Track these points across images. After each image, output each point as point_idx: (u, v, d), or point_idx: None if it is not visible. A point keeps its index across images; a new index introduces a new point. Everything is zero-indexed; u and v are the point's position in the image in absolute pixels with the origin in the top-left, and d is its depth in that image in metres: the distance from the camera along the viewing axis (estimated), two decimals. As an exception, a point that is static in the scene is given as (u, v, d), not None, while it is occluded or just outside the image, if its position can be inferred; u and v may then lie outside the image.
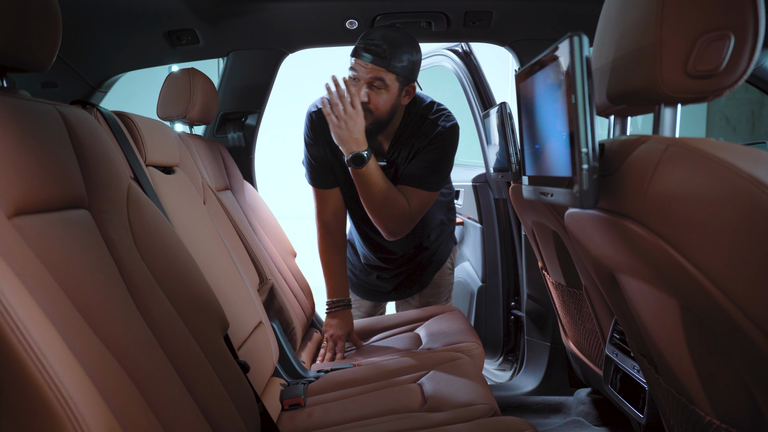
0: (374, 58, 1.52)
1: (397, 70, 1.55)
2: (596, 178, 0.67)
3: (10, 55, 0.74)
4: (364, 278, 2.06)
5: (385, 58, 1.52)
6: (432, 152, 1.68)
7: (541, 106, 0.83)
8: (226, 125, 2.19)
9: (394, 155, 1.72)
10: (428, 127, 1.69)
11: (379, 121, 1.61)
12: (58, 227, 0.74)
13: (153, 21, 1.89)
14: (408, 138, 1.71)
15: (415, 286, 2.06)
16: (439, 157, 1.69)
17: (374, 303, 2.15)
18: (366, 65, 1.53)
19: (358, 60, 1.55)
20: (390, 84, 1.56)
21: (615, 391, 1.31)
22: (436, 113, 1.71)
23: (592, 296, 1.37)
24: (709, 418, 0.69)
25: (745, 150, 0.56)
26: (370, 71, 1.54)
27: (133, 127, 1.23)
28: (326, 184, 1.80)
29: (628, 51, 0.71)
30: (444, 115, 1.71)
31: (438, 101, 1.77)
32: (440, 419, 1.15)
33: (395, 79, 1.56)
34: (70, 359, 0.61)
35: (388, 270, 2.00)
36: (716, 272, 0.55)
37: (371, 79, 1.55)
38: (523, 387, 2.17)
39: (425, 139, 1.68)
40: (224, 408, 0.94)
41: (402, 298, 2.12)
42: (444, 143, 1.69)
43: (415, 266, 2.01)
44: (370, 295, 2.10)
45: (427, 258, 2.00)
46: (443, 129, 1.68)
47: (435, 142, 1.68)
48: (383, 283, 2.03)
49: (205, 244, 1.30)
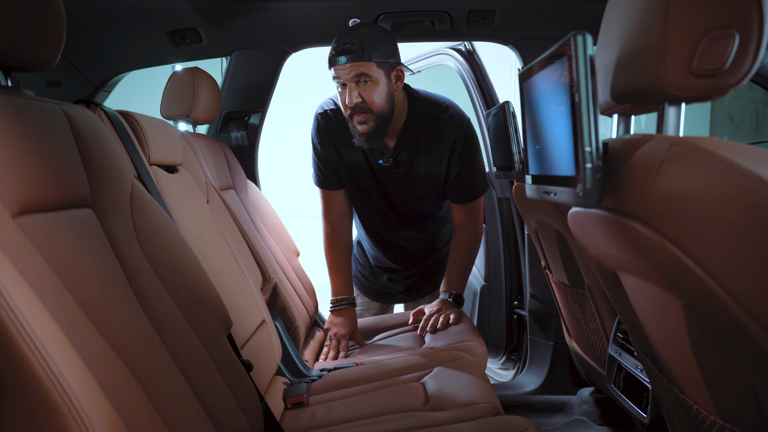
0: (349, 56, 1.52)
1: (375, 58, 1.54)
2: (599, 177, 0.67)
3: (14, 54, 0.74)
4: (373, 280, 2.06)
5: (358, 52, 1.52)
6: (468, 157, 1.71)
7: (544, 105, 0.82)
8: (230, 124, 2.19)
9: (401, 155, 1.72)
10: (446, 128, 1.69)
11: (382, 115, 1.61)
12: (62, 226, 0.74)
13: (156, 20, 1.90)
14: (414, 136, 1.70)
15: (427, 287, 2.06)
16: (474, 158, 1.73)
17: (383, 305, 2.15)
18: (345, 66, 1.53)
19: (336, 66, 1.55)
20: (375, 74, 1.55)
21: (618, 391, 1.31)
22: (446, 112, 1.70)
23: (595, 295, 1.37)
24: (713, 417, 0.69)
25: (750, 149, 0.55)
26: (351, 69, 1.53)
27: (136, 126, 1.23)
28: (332, 186, 1.81)
29: (632, 50, 0.71)
30: (457, 116, 1.71)
31: (443, 96, 1.76)
32: (443, 418, 1.15)
33: (377, 67, 1.55)
34: (73, 357, 0.62)
35: (399, 271, 2.00)
36: (720, 271, 0.54)
37: (356, 77, 1.54)
38: (526, 386, 2.17)
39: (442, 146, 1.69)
40: (227, 406, 0.94)
41: (413, 299, 2.11)
42: (472, 144, 1.72)
43: (426, 268, 2.01)
44: (380, 297, 2.09)
45: (439, 259, 2.01)
46: (466, 132, 1.70)
47: (457, 149, 1.70)
48: (394, 285, 2.04)
49: (208, 243, 1.30)
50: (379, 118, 1.60)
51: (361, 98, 1.56)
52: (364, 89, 1.56)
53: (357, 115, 1.60)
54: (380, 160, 1.72)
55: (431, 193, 1.78)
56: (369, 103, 1.57)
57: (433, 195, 1.79)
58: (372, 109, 1.58)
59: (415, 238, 1.90)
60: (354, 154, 1.75)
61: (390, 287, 2.05)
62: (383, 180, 1.76)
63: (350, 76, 1.54)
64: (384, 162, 1.72)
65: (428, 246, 1.96)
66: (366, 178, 1.77)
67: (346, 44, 1.52)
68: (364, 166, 1.75)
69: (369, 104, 1.57)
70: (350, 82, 1.55)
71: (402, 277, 2.01)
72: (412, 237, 1.91)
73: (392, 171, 1.73)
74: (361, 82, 1.55)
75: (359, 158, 1.75)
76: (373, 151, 1.73)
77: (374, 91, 1.57)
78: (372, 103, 1.57)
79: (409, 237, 1.90)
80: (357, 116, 1.60)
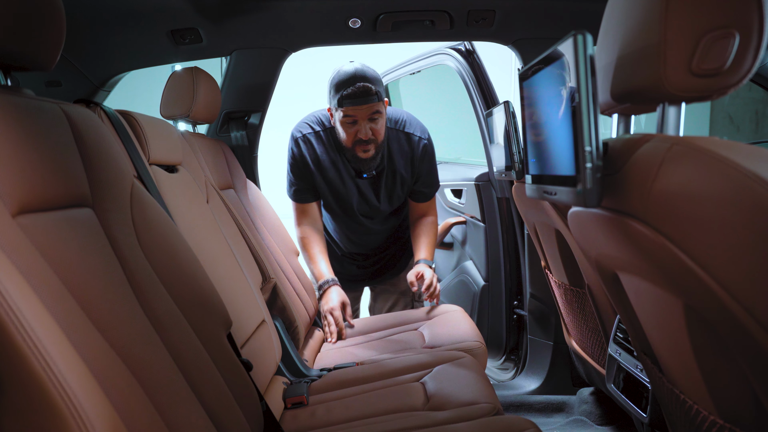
0: (368, 98, 1.72)
1: (382, 96, 1.77)
2: (600, 177, 0.67)
3: (14, 53, 0.74)
4: (343, 270, 2.22)
5: (373, 94, 1.72)
6: (428, 162, 1.97)
7: (544, 105, 0.82)
8: (229, 124, 2.19)
9: (381, 166, 1.92)
10: (412, 140, 1.93)
11: (384, 142, 1.85)
12: (62, 226, 0.74)
13: (156, 20, 1.90)
14: (389, 148, 1.92)
15: (391, 270, 2.25)
16: (433, 163, 2.00)
17: (352, 296, 2.26)
18: (362, 107, 1.73)
19: (352, 108, 1.72)
20: (382, 110, 1.78)
21: (618, 390, 1.31)
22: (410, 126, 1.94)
23: (595, 295, 1.37)
24: (713, 417, 0.69)
25: (750, 149, 0.55)
26: (368, 109, 1.74)
27: (136, 125, 1.23)
28: (308, 199, 1.99)
29: (632, 49, 0.71)
30: (420, 127, 1.96)
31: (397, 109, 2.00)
32: (443, 418, 1.15)
33: (382, 104, 1.78)
34: (73, 357, 0.62)
35: (368, 258, 2.21)
36: (720, 271, 0.54)
37: (371, 115, 1.75)
38: (525, 386, 2.17)
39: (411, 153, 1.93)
40: (227, 406, 0.94)
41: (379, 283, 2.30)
42: (431, 151, 1.99)
43: (391, 253, 2.22)
44: (350, 283, 2.25)
45: (400, 246, 2.23)
46: (428, 141, 1.96)
47: (426, 153, 1.96)
48: (362, 271, 2.24)
49: (208, 242, 1.30)
50: (381, 145, 1.84)
51: (371, 132, 1.77)
52: (374, 124, 1.77)
53: (363, 146, 1.80)
54: (365, 174, 1.92)
55: (403, 195, 2.02)
56: (377, 135, 1.79)
57: (404, 196, 2.03)
58: (378, 140, 1.81)
59: (383, 230, 2.13)
60: (337, 172, 1.92)
61: (358, 273, 2.24)
62: (365, 190, 1.96)
63: (366, 115, 1.75)
64: (368, 175, 1.92)
65: (392, 236, 2.18)
66: (347, 191, 1.95)
67: (362, 88, 1.70)
68: (346, 181, 1.94)
69: (377, 136, 1.80)
70: (364, 119, 1.75)
71: (370, 263, 2.21)
72: (381, 230, 2.13)
73: (374, 180, 1.94)
74: (372, 118, 1.76)
75: (342, 175, 1.93)
76: (357, 166, 1.91)
77: (380, 124, 1.79)
78: (379, 134, 1.80)
79: (378, 231, 2.12)
80: (363, 146, 1.80)
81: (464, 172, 2.60)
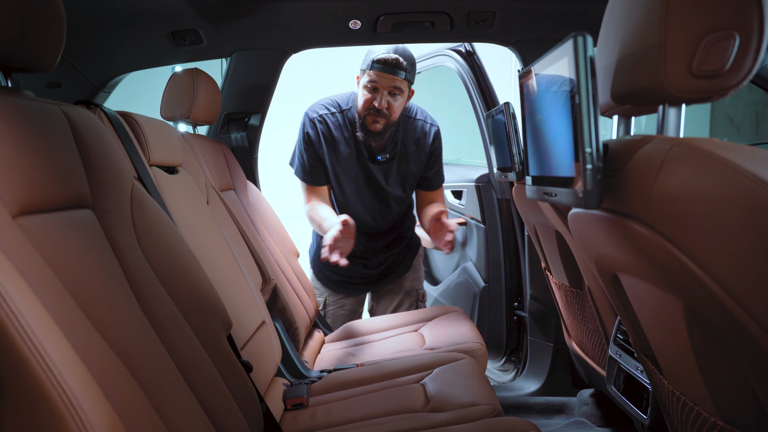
0: (399, 71, 1.75)
1: (411, 78, 1.81)
2: (600, 179, 0.67)
3: (14, 55, 0.74)
4: (349, 273, 2.11)
5: (404, 69, 1.76)
6: (437, 151, 2.01)
7: (544, 106, 0.82)
8: (230, 125, 2.19)
9: (394, 150, 1.95)
10: (423, 127, 1.97)
11: (394, 123, 1.85)
12: (62, 227, 0.74)
13: (157, 21, 1.90)
14: (399, 135, 1.94)
15: (399, 269, 2.19)
16: (441, 152, 2.04)
17: (356, 301, 2.22)
18: (388, 76, 1.75)
19: (380, 73, 1.75)
20: (405, 90, 1.81)
21: (618, 392, 1.31)
22: (420, 114, 1.98)
23: (596, 297, 1.37)
24: (713, 418, 0.69)
25: (750, 150, 0.55)
26: (392, 80, 1.76)
27: (136, 127, 1.23)
28: (318, 182, 1.97)
29: (632, 51, 0.71)
30: (428, 115, 2.00)
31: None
32: (443, 419, 1.15)
33: (408, 86, 1.82)
34: (73, 358, 0.62)
35: (375, 256, 2.15)
36: (720, 272, 0.54)
37: (391, 88, 1.77)
38: (526, 388, 2.17)
39: (423, 139, 1.97)
40: (227, 408, 0.94)
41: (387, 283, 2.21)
42: (440, 140, 2.02)
43: (398, 252, 2.17)
44: (356, 287, 2.18)
45: (405, 244, 2.20)
46: (437, 129, 2.00)
47: (437, 139, 2.00)
48: (370, 271, 2.15)
49: (208, 244, 1.30)
50: (391, 124, 1.84)
51: (387, 105, 1.79)
52: (393, 99, 1.79)
53: (374, 116, 1.80)
54: (379, 156, 1.93)
55: (414, 181, 2.04)
56: (391, 112, 1.81)
57: (414, 182, 2.05)
58: (390, 117, 1.82)
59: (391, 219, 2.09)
60: (351, 154, 1.92)
61: (365, 274, 2.16)
62: (376, 173, 1.96)
63: (390, 86, 1.77)
64: (382, 158, 1.93)
65: (398, 234, 2.15)
66: (359, 174, 1.95)
67: (397, 59, 1.74)
68: (360, 163, 1.93)
69: (390, 113, 1.81)
70: (385, 89, 1.77)
71: (376, 263, 2.15)
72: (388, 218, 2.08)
73: (387, 164, 1.95)
74: (393, 93, 1.79)
75: (356, 156, 1.92)
76: (371, 149, 1.92)
77: (398, 103, 1.81)
78: (393, 112, 1.81)
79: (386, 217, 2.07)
80: (374, 116, 1.81)
81: (464, 173, 2.60)
